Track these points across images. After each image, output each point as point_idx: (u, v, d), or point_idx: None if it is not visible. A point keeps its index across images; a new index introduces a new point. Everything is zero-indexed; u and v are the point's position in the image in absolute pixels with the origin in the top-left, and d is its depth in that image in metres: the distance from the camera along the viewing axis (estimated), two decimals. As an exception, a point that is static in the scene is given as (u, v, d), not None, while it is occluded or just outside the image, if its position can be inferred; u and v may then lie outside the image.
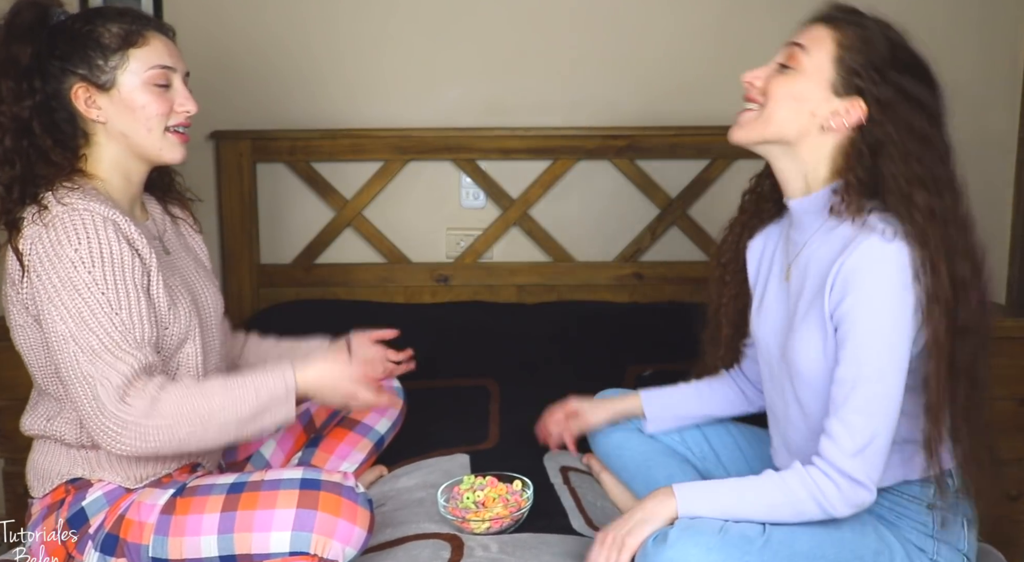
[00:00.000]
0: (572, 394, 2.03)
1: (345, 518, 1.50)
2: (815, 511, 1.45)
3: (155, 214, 1.75)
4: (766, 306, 1.67)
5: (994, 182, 2.81)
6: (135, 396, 1.49)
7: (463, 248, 2.86)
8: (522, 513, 1.74)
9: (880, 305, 1.42)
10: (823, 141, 1.53)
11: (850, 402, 1.43)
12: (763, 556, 1.41)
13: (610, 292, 2.82)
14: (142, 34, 1.59)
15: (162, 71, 1.60)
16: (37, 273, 1.50)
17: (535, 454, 2.04)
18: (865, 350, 1.43)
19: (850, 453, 1.43)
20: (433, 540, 1.68)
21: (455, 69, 2.82)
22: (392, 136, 2.77)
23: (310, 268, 2.85)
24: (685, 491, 1.48)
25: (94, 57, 1.57)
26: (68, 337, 1.49)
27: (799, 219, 1.58)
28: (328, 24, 2.79)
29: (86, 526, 1.58)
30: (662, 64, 2.81)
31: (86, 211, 1.51)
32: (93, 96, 1.58)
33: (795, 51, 1.53)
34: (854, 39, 1.49)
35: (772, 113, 1.53)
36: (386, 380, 2.08)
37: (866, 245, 1.43)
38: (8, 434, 2.52)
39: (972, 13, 2.77)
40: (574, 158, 2.80)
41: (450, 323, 2.68)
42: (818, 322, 1.50)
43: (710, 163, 2.79)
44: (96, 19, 1.59)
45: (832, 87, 1.50)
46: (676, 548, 1.39)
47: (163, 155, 1.64)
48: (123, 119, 1.59)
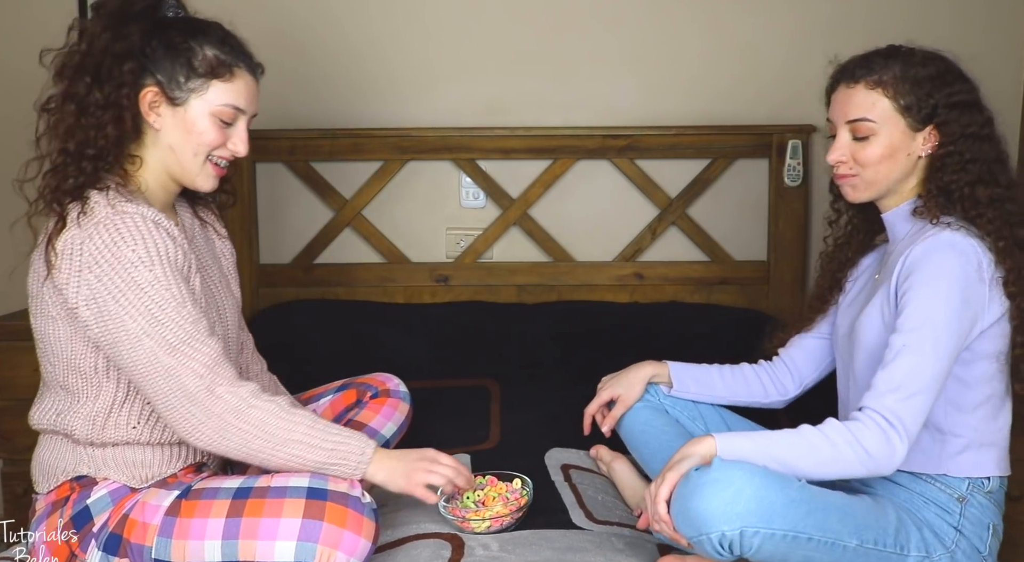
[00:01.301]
0: (570, 388, 2.06)
1: (350, 529, 1.49)
2: (849, 453, 1.49)
3: (184, 219, 1.75)
4: (854, 299, 1.79)
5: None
6: (224, 387, 1.52)
7: (463, 248, 2.86)
8: (522, 511, 1.74)
9: (938, 282, 1.53)
10: (920, 166, 1.67)
11: (896, 362, 1.52)
12: (802, 494, 1.47)
13: (610, 292, 2.82)
14: (231, 70, 1.61)
15: (233, 111, 1.62)
16: (96, 274, 1.50)
17: (536, 453, 2.04)
18: (917, 318, 1.53)
19: (885, 396, 1.50)
20: (433, 540, 1.68)
21: (455, 69, 2.82)
22: (392, 136, 2.77)
23: (310, 268, 2.84)
24: (724, 435, 1.55)
25: (178, 73, 1.58)
26: (141, 335, 1.50)
27: (891, 228, 1.72)
28: (327, 24, 2.79)
29: (90, 524, 1.58)
30: (662, 64, 2.81)
31: (136, 214, 1.53)
32: (159, 103, 1.59)
33: (860, 124, 1.64)
34: (897, 84, 1.63)
35: (877, 173, 1.66)
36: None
37: (932, 233, 1.58)
38: (8, 434, 2.51)
39: (972, 13, 2.77)
40: (574, 158, 2.80)
41: (450, 323, 2.68)
42: (882, 299, 1.62)
43: (710, 163, 2.79)
44: (198, 36, 1.60)
45: (910, 127, 1.64)
46: (721, 470, 1.44)
47: (196, 181, 1.65)
48: (176, 135, 1.61)
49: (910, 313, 1.53)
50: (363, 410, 2.00)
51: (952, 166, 1.62)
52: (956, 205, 1.61)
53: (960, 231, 1.57)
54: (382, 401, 2.03)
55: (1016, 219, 1.61)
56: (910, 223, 1.67)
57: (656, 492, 1.51)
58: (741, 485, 1.42)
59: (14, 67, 2.73)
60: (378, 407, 2.01)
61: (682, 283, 2.82)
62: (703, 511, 1.42)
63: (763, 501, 1.43)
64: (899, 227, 1.70)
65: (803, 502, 1.46)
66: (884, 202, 1.71)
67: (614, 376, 1.99)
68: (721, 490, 1.42)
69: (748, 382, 1.97)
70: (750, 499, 1.42)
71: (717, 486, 1.42)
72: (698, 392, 1.97)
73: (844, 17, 2.74)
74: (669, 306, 2.76)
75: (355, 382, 2.07)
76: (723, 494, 1.42)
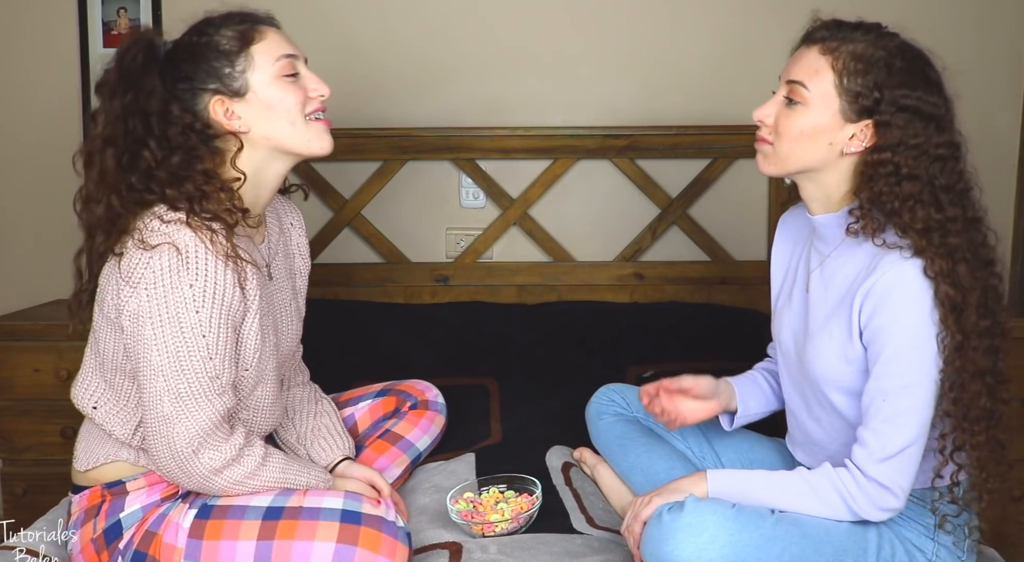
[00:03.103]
0: (572, 387, 2.04)
1: (385, 555, 1.49)
2: (841, 508, 1.49)
3: (272, 234, 1.73)
4: (790, 309, 1.70)
5: (995, 182, 2.80)
6: (209, 452, 1.52)
7: (463, 248, 2.86)
8: (531, 514, 1.75)
9: (907, 323, 1.46)
10: (844, 163, 1.53)
11: (881, 413, 1.48)
12: (775, 531, 1.45)
13: (610, 292, 2.82)
14: (256, 29, 1.58)
15: (288, 61, 1.59)
16: (148, 295, 1.47)
17: (536, 453, 2.04)
18: (896, 365, 1.47)
19: (878, 460, 1.47)
20: (433, 551, 1.67)
21: (455, 69, 2.82)
22: (392, 136, 2.77)
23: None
24: (718, 475, 1.54)
25: (220, 67, 1.55)
26: (159, 372, 1.49)
27: (822, 232, 1.61)
28: (327, 23, 2.79)
29: (118, 539, 1.57)
30: (662, 64, 2.81)
31: (213, 247, 1.49)
32: (230, 107, 1.57)
33: (796, 88, 1.52)
34: (849, 60, 1.49)
35: (789, 151, 1.54)
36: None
37: (891, 266, 1.46)
38: (8, 434, 2.51)
39: (973, 13, 2.77)
40: (574, 158, 2.80)
41: (450, 323, 2.67)
42: (839, 333, 1.54)
43: (710, 162, 2.79)
44: (208, 29, 1.58)
45: (843, 114, 1.50)
46: (694, 515, 1.43)
47: (312, 146, 1.62)
48: (264, 121, 1.58)
49: (888, 363, 1.46)
50: (401, 421, 2.00)
51: (885, 176, 1.46)
52: (890, 219, 1.47)
53: (911, 258, 1.46)
54: (420, 413, 2.02)
55: (959, 256, 1.45)
56: (843, 233, 1.56)
57: (638, 512, 1.53)
58: (715, 531, 1.41)
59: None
60: (416, 420, 2.00)
61: (682, 283, 2.81)
62: (676, 557, 1.41)
63: (737, 545, 1.42)
64: (830, 234, 1.58)
65: (778, 539, 1.45)
66: (810, 203, 1.59)
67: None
68: (695, 536, 1.41)
69: (766, 390, 1.86)
70: (724, 545, 1.41)
71: (691, 531, 1.41)
72: (758, 408, 1.83)
73: (843, 17, 2.73)
74: (669, 306, 2.75)
75: (395, 389, 2.06)
76: (696, 540, 1.41)
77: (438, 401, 2.08)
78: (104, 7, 2.76)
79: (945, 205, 1.47)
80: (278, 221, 1.79)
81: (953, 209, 1.47)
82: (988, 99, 2.79)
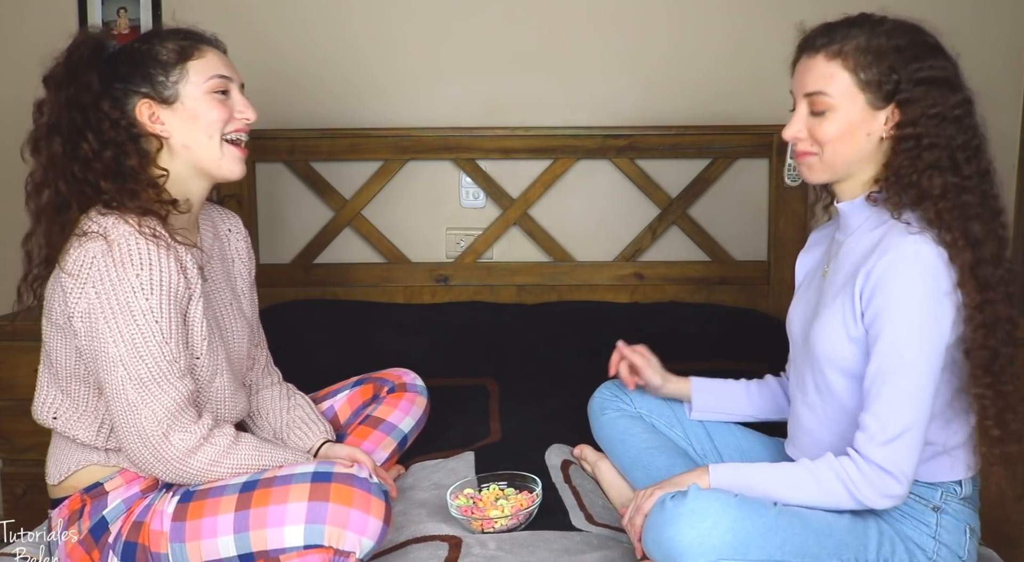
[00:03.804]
0: (572, 387, 2.06)
1: (358, 508, 1.50)
2: (845, 497, 1.49)
3: (206, 239, 1.77)
4: (802, 298, 1.72)
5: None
6: (178, 433, 1.54)
7: (463, 248, 2.86)
8: (530, 511, 1.75)
9: (909, 304, 1.46)
10: (884, 148, 1.56)
11: (881, 396, 1.48)
12: (778, 521, 1.46)
13: (610, 292, 2.82)
14: (198, 47, 1.66)
15: (221, 81, 1.66)
16: (96, 291, 1.52)
17: (536, 452, 2.04)
18: (895, 346, 1.47)
19: (879, 443, 1.47)
20: (431, 542, 1.68)
21: (455, 69, 2.82)
22: (392, 136, 2.77)
23: (309, 268, 2.84)
24: (720, 469, 1.54)
25: (155, 74, 1.63)
26: (118, 362, 1.52)
27: (844, 220, 1.63)
28: (327, 24, 2.79)
29: (106, 535, 1.59)
30: (662, 64, 2.81)
31: (152, 237, 1.55)
32: (156, 111, 1.63)
33: (818, 98, 1.54)
34: (858, 55, 1.52)
35: (835, 154, 1.55)
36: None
37: (894, 245, 1.48)
38: (8, 434, 2.52)
39: (973, 14, 2.77)
40: (574, 158, 2.80)
41: (450, 323, 2.67)
42: (843, 311, 1.54)
43: (710, 163, 2.79)
44: (152, 39, 1.66)
45: (871, 104, 1.53)
46: (697, 501, 1.43)
47: (222, 166, 1.68)
48: (185, 130, 1.64)
49: (886, 345, 1.47)
50: (380, 405, 2.01)
51: (907, 150, 1.50)
52: (907, 192, 1.51)
53: (921, 236, 1.48)
54: (399, 395, 2.04)
55: (972, 212, 1.49)
56: (863, 215, 1.59)
57: (640, 504, 1.54)
58: (718, 518, 1.42)
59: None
60: (395, 402, 2.02)
61: (682, 283, 2.81)
62: (678, 543, 1.41)
63: (739, 533, 1.42)
64: (852, 218, 1.60)
65: (780, 529, 1.45)
66: (841, 188, 1.61)
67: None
68: (698, 522, 1.41)
69: (775, 398, 1.88)
70: (727, 531, 1.41)
71: (694, 518, 1.42)
72: (721, 414, 1.88)
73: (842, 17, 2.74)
74: (669, 306, 2.75)
75: (371, 377, 2.08)
76: (699, 526, 1.41)
77: (416, 383, 2.09)
78: (104, 7, 2.76)
79: (961, 164, 1.51)
80: (213, 228, 1.83)
81: (968, 167, 1.51)
82: (988, 99, 2.78)
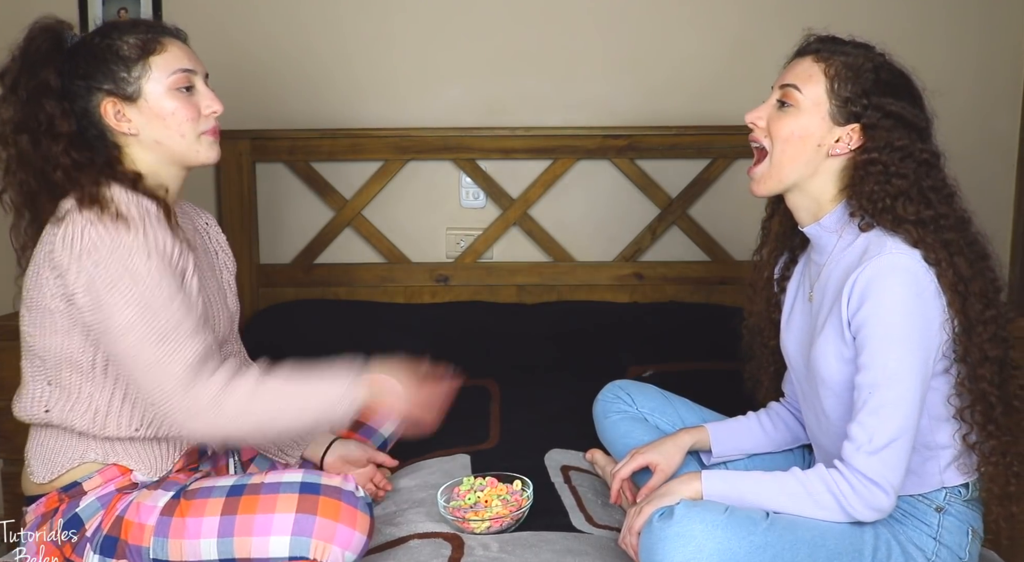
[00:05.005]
0: (570, 389, 2.03)
1: (344, 523, 1.50)
2: (834, 508, 1.49)
3: (187, 230, 1.75)
4: (793, 324, 1.72)
5: (995, 183, 2.81)
6: (199, 387, 1.52)
7: (463, 248, 2.86)
8: (522, 512, 1.75)
9: (892, 313, 1.47)
10: (830, 167, 1.58)
11: (867, 406, 1.48)
12: (767, 538, 1.45)
13: (610, 292, 2.82)
14: (159, 41, 1.62)
15: (184, 74, 1.62)
16: (94, 260, 1.50)
17: (536, 454, 2.04)
18: (880, 356, 1.47)
19: (866, 453, 1.47)
20: (434, 539, 1.68)
21: (455, 69, 2.82)
22: (392, 136, 2.77)
23: (310, 268, 2.84)
24: (712, 476, 1.54)
25: (117, 70, 1.59)
26: (130, 328, 1.50)
27: (817, 242, 1.64)
28: (327, 24, 2.79)
29: (82, 531, 1.58)
30: (662, 64, 2.81)
31: (140, 204, 1.54)
32: (122, 109, 1.60)
33: (790, 90, 1.58)
34: (841, 68, 1.56)
35: (781, 157, 1.59)
36: None
37: (877, 256, 1.49)
38: (8, 434, 2.51)
39: (973, 15, 2.77)
40: (574, 158, 2.80)
41: (450, 323, 2.68)
42: (835, 331, 1.54)
43: (710, 163, 2.79)
44: (112, 33, 1.62)
45: (832, 117, 1.56)
46: (682, 523, 1.43)
47: (200, 156, 1.66)
48: (154, 127, 1.61)
49: (872, 355, 1.47)
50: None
51: (875, 175, 1.52)
52: (883, 217, 1.52)
53: (901, 246, 1.49)
54: None
55: (954, 249, 1.50)
56: (836, 236, 1.59)
57: (631, 524, 1.53)
58: (702, 541, 1.41)
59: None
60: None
61: (682, 283, 2.82)
62: None
63: (725, 554, 1.41)
64: (825, 240, 1.61)
65: (769, 546, 1.44)
66: (799, 214, 1.63)
67: (649, 445, 1.79)
68: (682, 545, 1.41)
69: (789, 427, 1.86)
70: (711, 554, 1.41)
71: (679, 541, 1.41)
72: (738, 447, 1.85)
73: (843, 17, 2.71)
74: (669, 306, 2.76)
75: None
76: (684, 549, 1.41)
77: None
78: (104, 7, 2.76)
79: (934, 203, 1.53)
80: (191, 222, 1.82)
81: (943, 207, 1.53)
82: (988, 99, 2.79)
